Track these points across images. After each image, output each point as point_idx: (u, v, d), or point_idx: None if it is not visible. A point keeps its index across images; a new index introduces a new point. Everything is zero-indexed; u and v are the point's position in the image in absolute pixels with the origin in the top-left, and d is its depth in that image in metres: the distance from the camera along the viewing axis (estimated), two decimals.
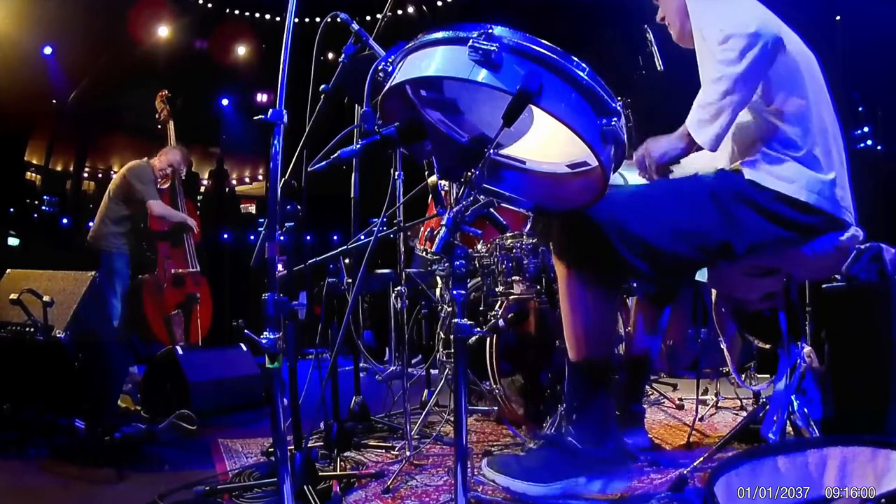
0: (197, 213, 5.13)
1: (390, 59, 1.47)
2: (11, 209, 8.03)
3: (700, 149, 1.85)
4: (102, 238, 4.41)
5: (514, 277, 2.86)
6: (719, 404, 3.11)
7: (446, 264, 3.15)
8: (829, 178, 1.81)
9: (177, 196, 4.79)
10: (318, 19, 2.05)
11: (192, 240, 4.82)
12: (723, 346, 2.70)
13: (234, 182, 10.98)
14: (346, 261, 2.75)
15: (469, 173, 1.33)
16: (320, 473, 1.94)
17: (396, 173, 2.53)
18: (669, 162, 1.88)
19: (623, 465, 1.76)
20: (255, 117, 1.47)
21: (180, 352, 3.17)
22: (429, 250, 3.59)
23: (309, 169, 1.91)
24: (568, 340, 1.82)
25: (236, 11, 8.69)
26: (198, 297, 4.68)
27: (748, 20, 1.73)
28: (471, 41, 1.25)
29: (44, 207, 9.01)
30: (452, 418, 1.68)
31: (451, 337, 2.24)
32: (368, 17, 5.42)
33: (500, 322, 2.45)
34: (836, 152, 1.87)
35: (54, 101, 8.14)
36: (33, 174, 9.22)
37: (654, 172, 1.91)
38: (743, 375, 3.23)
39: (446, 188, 3.01)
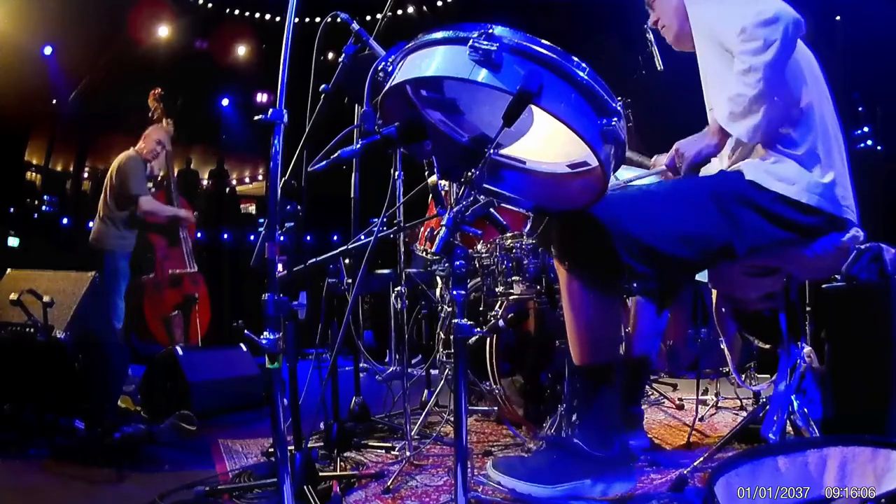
0: (192, 208, 5.08)
1: (390, 59, 1.46)
2: (11, 209, 8.02)
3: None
4: (105, 238, 4.40)
5: (514, 277, 2.86)
6: (719, 404, 3.12)
7: (446, 264, 3.15)
8: (829, 180, 1.81)
9: (171, 193, 4.78)
10: (318, 19, 2.05)
11: (189, 239, 4.80)
12: (723, 346, 2.69)
13: (233, 182, 10.96)
14: (346, 261, 2.74)
15: (469, 173, 1.33)
16: (320, 474, 1.94)
17: (396, 173, 2.53)
18: (704, 160, 1.88)
19: (628, 466, 1.75)
20: (255, 117, 1.47)
21: (180, 352, 3.17)
22: (429, 250, 3.59)
23: (309, 169, 1.91)
24: (571, 345, 1.81)
25: (236, 11, 8.68)
26: (196, 298, 4.67)
27: (763, 8, 1.73)
28: (471, 41, 1.25)
29: (44, 207, 8.99)
30: (452, 418, 1.68)
31: (451, 337, 2.24)
32: (368, 17, 5.41)
33: (500, 322, 2.44)
34: (837, 152, 1.87)
35: (54, 101, 8.12)
36: (33, 174, 9.19)
37: (686, 173, 1.91)
38: (743, 375, 3.24)
39: (446, 188, 3.01)
